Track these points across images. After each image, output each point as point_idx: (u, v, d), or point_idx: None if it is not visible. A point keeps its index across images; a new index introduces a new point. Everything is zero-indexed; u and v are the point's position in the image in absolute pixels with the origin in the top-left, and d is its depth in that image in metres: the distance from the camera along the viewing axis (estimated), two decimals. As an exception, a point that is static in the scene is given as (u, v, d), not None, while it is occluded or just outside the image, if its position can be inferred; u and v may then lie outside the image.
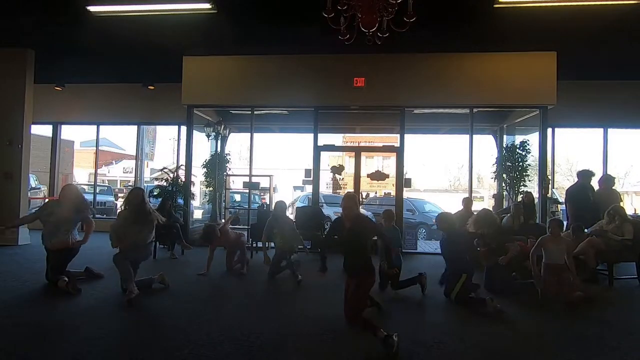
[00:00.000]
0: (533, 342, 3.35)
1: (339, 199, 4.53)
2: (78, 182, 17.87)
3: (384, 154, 14.48)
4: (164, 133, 20.59)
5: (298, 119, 9.33)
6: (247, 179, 8.61)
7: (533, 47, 7.15)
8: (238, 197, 12.69)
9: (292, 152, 28.31)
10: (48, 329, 3.40)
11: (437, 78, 7.52)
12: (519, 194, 7.70)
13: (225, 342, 3.12)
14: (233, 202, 12.18)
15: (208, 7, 5.65)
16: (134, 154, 10.90)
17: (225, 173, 9.01)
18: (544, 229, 5.51)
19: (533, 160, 8.06)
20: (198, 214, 10.86)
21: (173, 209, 7.41)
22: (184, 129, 8.56)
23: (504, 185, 8.14)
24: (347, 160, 14.72)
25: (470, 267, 4.40)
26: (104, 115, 10.03)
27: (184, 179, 8.21)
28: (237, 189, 11.42)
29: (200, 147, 9.13)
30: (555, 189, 10.58)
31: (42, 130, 11.40)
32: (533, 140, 7.94)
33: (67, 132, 11.04)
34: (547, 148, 7.75)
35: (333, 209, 9.60)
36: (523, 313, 4.07)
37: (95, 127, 10.45)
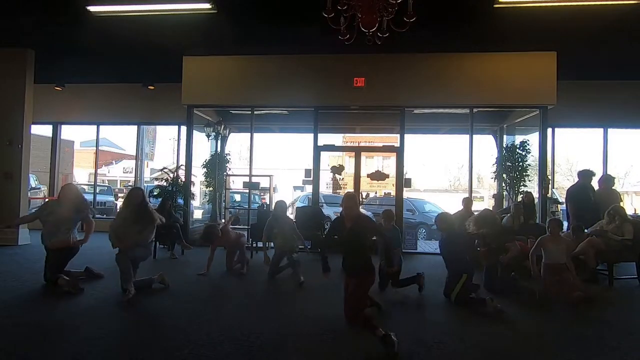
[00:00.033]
0: (533, 342, 3.35)
1: (339, 199, 4.53)
2: (78, 182, 17.86)
3: (384, 154, 14.48)
4: (164, 133, 20.64)
5: (298, 119, 9.33)
6: (247, 179, 8.61)
7: (533, 47, 7.15)
8: (238, 197, 12.68)
9: (292, 152, 28.35)
10: (48, 329, 3.39)
11: (437, 78, 7.53)
12: (519, 194, 7.70)
13: (225, 342, 3.12)
14: (233, 202, 12.17)
15: (208, 7, 5.66)
16: (134, 154, 10.90)
17: (225, 173, 9.00)
18: (544, 229, 5.51)
19: (533, 160, 8.06)
20: (198, 214, 10.86)
21: (173, 209, 7.41)
22: (184, 129, 8.57)
23: (504, 185, 8.14)
24: (347, 160, 14.72)
25: (470, 267, 4.39)
26: (104, 115, 10.03)
27: (184, 179, 8.21)
28: (237, 189, 11.41)
29: (200, 147, 9.15)
30: (555, 189, 10.58)
31: (42, 130, 11.41)
32: (533, 140, 7.94)
33: (67, 132, 11.07)
34: (547, 148, 7.76)
35: (333, 209, 9.59)
36: (523, 313, 4.06)
37: (95, 127, 10.46)
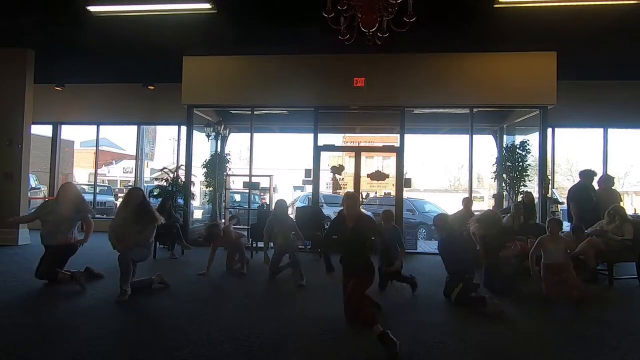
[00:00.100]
0: (533, 342, 3.35)
1: (339, 199, 4.53)
2: (78, 182, 17.85)
3: (384, 154, 14.47)
4: (164, 133, 20.63)
5: (298, 119, 9.33)
6: (247, 179, 8.62)
7: (533, 47, 7.15)
8: (238, 197, 12.68)
9: (292, 152, 28.36)
10: (48, 329, 3.39)
11: (437, 78, 7.53)
12: (519, 194, 7.70)
13: (225, 342, 3.11)
14: (233, 202, 12.17)
15: (208, 7, 5.66)
16: (134, 154, 10.91)
17: (225, 173, 9.00)
18: (544, 229, 5.51)
19: (533, 160, 8.06)
20: (198, 214, 10.87)
21: (173, 209, 7.41)
22: (184, 129, 8.57)
23: (504, 185, 8.14)
24: (347, 160, 14.71)
25: (470, 267, 4.39)
26: (104, 115, 10.03)
27: (184, 179, 8.21)
28: (237, 189, 11.40)
29: (200, 147, 9.15)
30: (555, 189, 10.58)
31: (42, 130, 11.41)
32: (533, 140, 7.94)
33: (67, 132, 11.07)
34: (547, 148, 7.76)
35: (333, 209, 9.57)
36: (523, 313, 4.06)
37: (95, 127, 10.46)
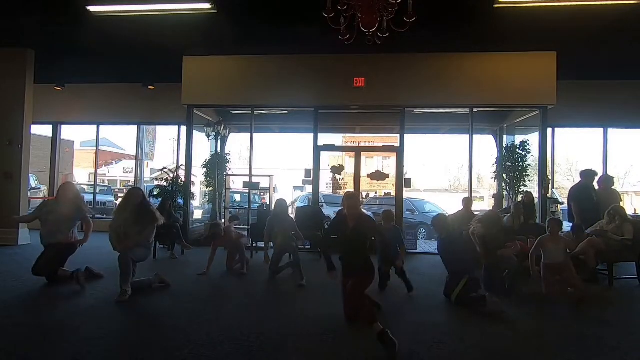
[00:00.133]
0: (533, 342, 3.35)
1: (339, 199, 4.53)
2: (78, 182, 17.86)
3: (384, 154, 14.45)
4: (164, 133, 20.63)
5: (298, 119, 9.33)
6: (247, 179, 8.61)
7: (533, 47, 7.15)
8: (238, 197, 12.68)
9: (292, 152, 28.35)
10: (48, 329, 3.39)
11: (437, 78, 7.52)
12: (519, 194, 7.70)
13: (225, 342, 3.11)
14: (233, 202, 12.17)
15: (208, 7, 5.66)
16: (134, 154, 10.91)
17: (225, 173, 9.00)
18: (544, 229, 5.51)
19: (533, 160, 8.06)
20: (198, 214, 10.86)
21: (173, 209, 7.41)
22: (184, 129, 8.57)
23: (504, 185, 8.14)
24: (347, 160, 14.70)
25: (471, 267, 4.39)
26: (104, 115, 10.03)
27: (184, 179, 8.21)
28: (237, 189, 11.40)
29: (200, 147, 9.15)
30: (555, 189, 10.58)
31: (42, 130, 11.41)
32: (533, 140, 7.94)
33: (67, 132, 11.07)
34: (547, 148, 7.76)
35: (333, 209, 9.57)
36: (523, 313, 4.06)
37: (95, 127, 10.47)
